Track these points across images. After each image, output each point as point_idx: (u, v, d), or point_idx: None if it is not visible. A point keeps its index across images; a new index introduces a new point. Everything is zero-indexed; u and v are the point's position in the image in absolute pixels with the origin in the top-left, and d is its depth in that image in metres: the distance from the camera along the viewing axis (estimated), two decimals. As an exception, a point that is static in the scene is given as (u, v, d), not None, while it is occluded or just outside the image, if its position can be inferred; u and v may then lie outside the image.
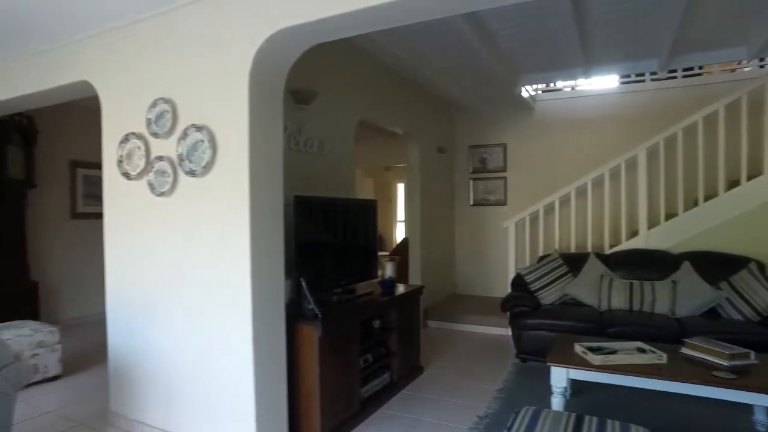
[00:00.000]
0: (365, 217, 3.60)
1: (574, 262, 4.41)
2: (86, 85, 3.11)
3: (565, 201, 5.01)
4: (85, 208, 5.73)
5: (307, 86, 3.32)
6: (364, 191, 9.09)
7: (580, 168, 5.36)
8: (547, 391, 2.87)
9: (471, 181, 6.58)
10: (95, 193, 5.77)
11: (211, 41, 2.46)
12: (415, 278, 5.47)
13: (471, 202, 6.59)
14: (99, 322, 5.52)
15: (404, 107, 5.15)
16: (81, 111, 4.93)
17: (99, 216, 5.71)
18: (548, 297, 4.24)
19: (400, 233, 8.90)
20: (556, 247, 4.89)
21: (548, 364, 2.79)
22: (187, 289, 2.58)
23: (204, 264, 2.49)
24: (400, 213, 9.03)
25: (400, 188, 9.04)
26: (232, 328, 2.40)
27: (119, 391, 2.97)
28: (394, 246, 7.95)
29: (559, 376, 2.78)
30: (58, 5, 2.59)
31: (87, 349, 4.52)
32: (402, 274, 5.27)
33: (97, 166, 5.65)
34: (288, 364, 2.61)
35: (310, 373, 2.65)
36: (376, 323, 3.34)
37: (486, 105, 6.05)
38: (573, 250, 4.90)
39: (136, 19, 2.73)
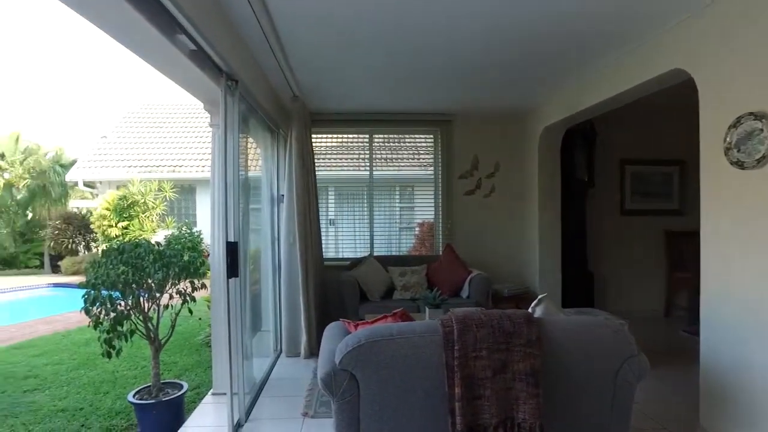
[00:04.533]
0: None
1: None
2: (675, 74, 2.97)
3: None
4: (633, 204, 5.81)
5: None
6: None
7: None
8: None
9: None
10: (641, 190, 5.82)
11: None
12: None
13: None
14: (640, 320, 5.47)
15: None
16: (631, 110, 4.95)
17: (645, 213, 5.78)
18: None
19: None
20: None
21: None
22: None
23: None
24: None
25: None
26: None
27: (711, 407, 2.70)
28: None
29: None
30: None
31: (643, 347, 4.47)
32: None
33: (644, 162, 5.71)
34: None
35: None
36: None
37: None
38: None
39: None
